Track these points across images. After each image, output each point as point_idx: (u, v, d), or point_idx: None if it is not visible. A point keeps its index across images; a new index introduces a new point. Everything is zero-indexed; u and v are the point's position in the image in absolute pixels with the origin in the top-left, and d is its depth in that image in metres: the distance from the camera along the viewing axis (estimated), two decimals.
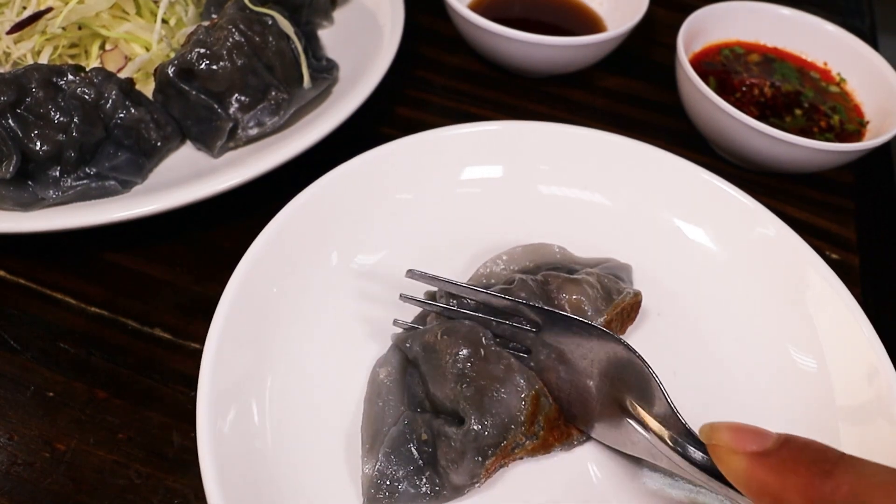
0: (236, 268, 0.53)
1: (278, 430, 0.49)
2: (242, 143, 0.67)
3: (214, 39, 0.65)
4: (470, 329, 0.49)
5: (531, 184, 0.66)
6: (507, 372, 0.48)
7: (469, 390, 0.47)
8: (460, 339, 0.48)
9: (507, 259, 0.59)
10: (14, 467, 0.51)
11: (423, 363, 0.50)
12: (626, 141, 0.66)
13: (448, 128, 0.66)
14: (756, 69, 0.82)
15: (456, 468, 0.46)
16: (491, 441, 0.46)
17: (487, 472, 0.47)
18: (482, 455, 0.46)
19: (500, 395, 0.47)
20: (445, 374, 0.48)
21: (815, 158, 0.69)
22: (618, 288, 0.55)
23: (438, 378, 0.48)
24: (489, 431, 0.46)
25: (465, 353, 0.48)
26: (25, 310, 0.60)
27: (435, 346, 0.49)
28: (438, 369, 0.48)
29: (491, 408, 0.47)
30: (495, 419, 0.46)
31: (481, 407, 0.46)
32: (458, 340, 0.48)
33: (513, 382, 0.48)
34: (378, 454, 0.47)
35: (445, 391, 0.48)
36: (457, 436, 0.46)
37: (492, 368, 0.48)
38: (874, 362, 0.53)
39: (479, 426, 0.46)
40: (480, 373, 0.47)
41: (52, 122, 0.60)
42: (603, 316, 0.52)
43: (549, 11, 0.90)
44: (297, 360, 0.53)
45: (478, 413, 0.46)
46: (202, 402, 0.46)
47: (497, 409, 0.47)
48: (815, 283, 0.58)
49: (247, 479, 0.45)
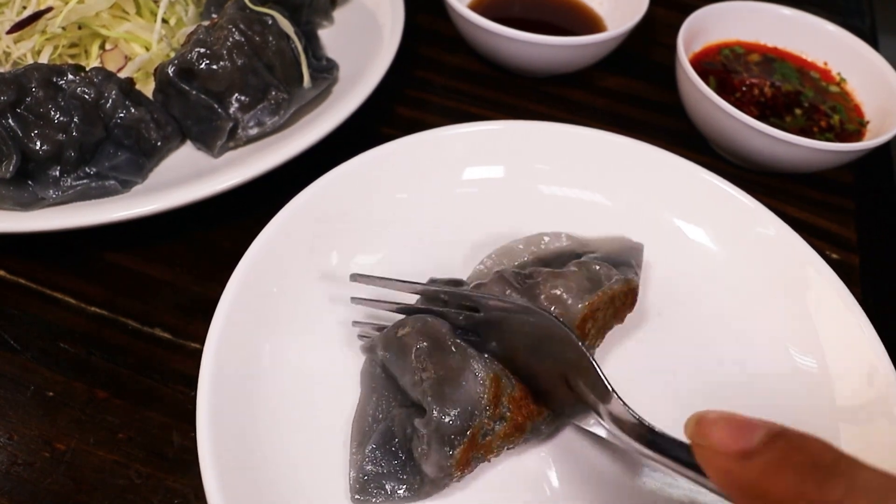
0: (236, 268, 0.53)
1: (278, 429, 0.49)
2: (242, 142, 0.67)
3: (214, 39, 0.65)
4: (425, 323, 0.50)
5: (531, 183, 0.66)
6: (463, 360, 0.48)
7: (428, 381, 0.47)
8: (417, 335, 0.49)
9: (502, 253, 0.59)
10: (14, 467, 0.51)
11: (391, 363, 0.50)
12: (627, 141, 0.66)
13: (448, 127, 0.66)
14: (756, 69, 0.82)
15: (426, 460, 0.46)
16: (456, 429, 0.46)
17: (460, 465, 0.46)
18: (449, 445, 0.46)
19: (458, 382, 0.47)
20: (406, 369, 0.48)
21: (815, 158, 0.69)
22: (609, 275, 0.53)
23: (404, 374, 0.49)
24: (452, 419, 0.46)
25: (422, 346, 0.48)
26: (25, 310, 0.60)
27: (396, 344, 0.50)
28: (403, 366, 0.49)
29: (452, 396, 0.47)
30: (457, 406, 0.46)
31: (442, 396, 0.47)
32: (415, 336, 0.49)
33: (470, 369, 0.48)
34: (364, 451, 0.48)
35: (410, 385, 0.48)
36: (422, 427, 0.46)
37: (449, 358, 0.48)
38: (874, 362, 0.53)
39: (440, 415, 0.46)
40: (438, 363, 0.48)
41: (52, 121, 0.60)
42: (584, 303, 0.51)
43: (549, 11, 0.90)
44: (296, 359, 0.53)
45: (439, 402, 0.46)
46: (202, 402, 0.46)
47: (458, 396, 0.47)
48: (815, 283, 0.58)
49: (247, 478, 0.45)
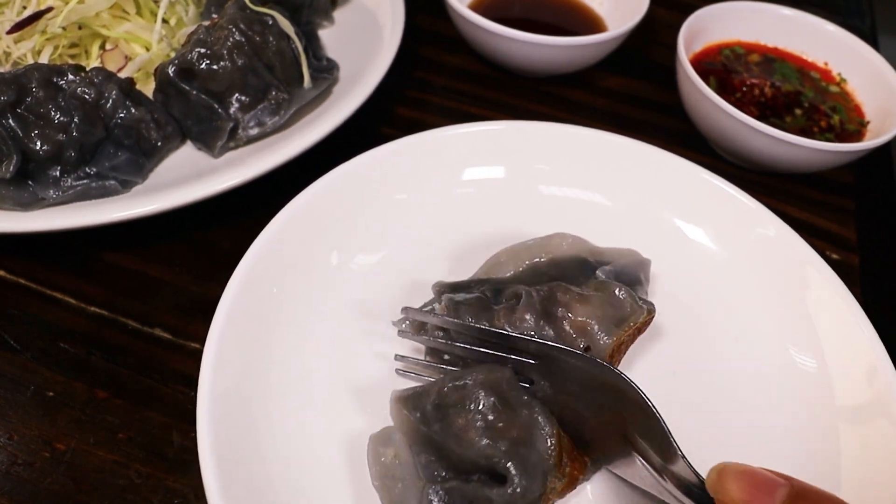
0: (237, 267, 0.53)
1: (278, 429, 0.49)
2: (243, 143, 0.67)
3: (215, 39, 0.65)
4: (489, 372, 0.45)
5: (532, 183, 0.66)
6: (530, 415, 0.45)
7: (503, 444, 0.43)
8: (479, 388, 0.45)
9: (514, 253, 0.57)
10: (14, 467, 0.51)
11: (439, 422, 0.45)
12: (627, 141, 0.66)
13: (448, 128, 0.66)
14: (756, 69, 0.82)
15: None
16: (536, 493, 0.43)
17: None
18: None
19: (532, 443, 0.44)
20: (470, 429, 0.44)
21: (815, 158, 0.69)
22: (631, 304, 0.51)
23: (463, 435, 0.44)
24: (532, 484, 0.43)
25: (489, 402, 0.44)
26: (25, 310, 0.60)
27: (450, 401, 0.45)
28: (462, 425, 0.44)
29: (528, 458, 0.43)
30: (535, 469, 0.43)
31: (519, 459, 0.43)
32: (476, 389, 0.44)
33: (537, 426, 0.44)
34: None
35: (476, 448, 0.44)
36: (500, 497, 0.42)
37: (517, 414, 0.44)
38: (874, 362, 0.53)
39: (523, 481, 0.42)
40: (508, 421, 0.44)
41: (53, 121, 0.60)
42: (612, 338, 0.49)
43: (549, 11, 0.90)
44: (297, 359, 0.53)
45: (519, 467, 0.43)
46: (202, 402, 0.46)
47: (533, 458, 0.44)
48: (815, 283, 0.58)
49: (246, 479, 0.45)
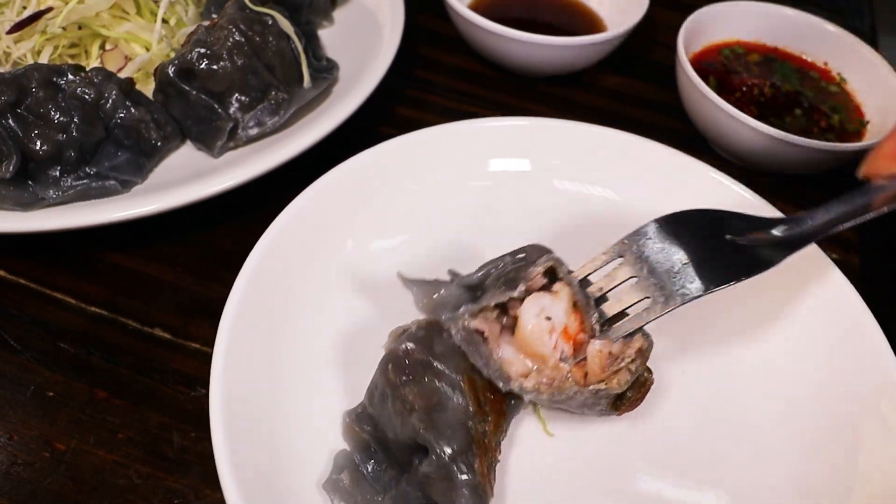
0: (242, 267, 0.53)
1: (287, 426, 0.49)
2: (242, 142, 0.67)
3: (214, 39, 0.65)
4: (393, 358, 0.47)
5: (545, 177, 0.67)
6: (434, 376, 0.46)
7: (417, 416, 0.45)
8: (394, 371, 0.47)
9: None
10: (14, 467, 0.51)
11: (379, 416, 0.48)
12: (639, 140, 0.66)
13: (468, 122, 0.66)
14: (756, 69, 0.82)
15: (456, 495, 0.43)
16: (464, 444, 0.44)
17: (485, 477, 0.44)
18: (467, 466, 0.43)
19: (442, 403, 0.45)
20: (394, 418, 0.46)
21: (815, 158, 0.69)
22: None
23: (395, 423, 0.46)
24: (454, 441, 0.44)
25: (402, 379, 0.46)
26: (25, 310, 0.60)
27: (379, 394, 0.47)
28: (390, 414, 0.46)
29: (444, 419, 0.45)
30: (454, 426, 0.44)
31: (433, 424, 0.44)
32: (387, 368, 0.47)
33: (444, 383, 0.46)
34: None
35: (404, 433, 0.46)
36: (431, 467, 0.43)
37: (423, 383, 0.46)
38: (874, 361, 0.53)
39: (442, 442, 0.43)
40: (417, 394, 0.45)
41: (52, 121, 0.60)
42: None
43: (549, 11, 0.90)
44: (305, 355, 0.53)
45: (435, 432, 0.44)
46: (215, 400, 0.46)
47: (449, 417, 0.45)
48: (816, 283, 0.58)
49: (259, 473, 0.45)
